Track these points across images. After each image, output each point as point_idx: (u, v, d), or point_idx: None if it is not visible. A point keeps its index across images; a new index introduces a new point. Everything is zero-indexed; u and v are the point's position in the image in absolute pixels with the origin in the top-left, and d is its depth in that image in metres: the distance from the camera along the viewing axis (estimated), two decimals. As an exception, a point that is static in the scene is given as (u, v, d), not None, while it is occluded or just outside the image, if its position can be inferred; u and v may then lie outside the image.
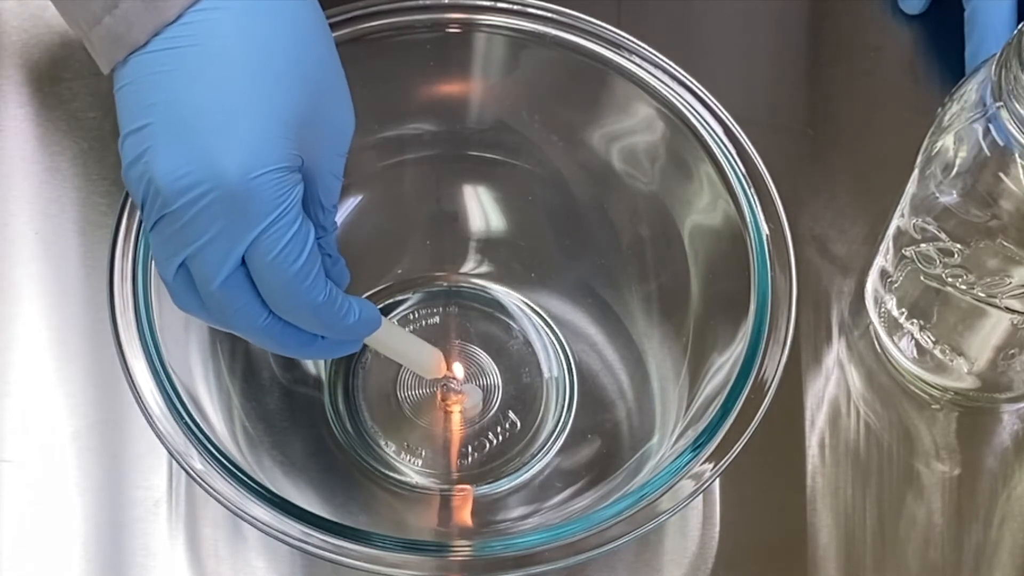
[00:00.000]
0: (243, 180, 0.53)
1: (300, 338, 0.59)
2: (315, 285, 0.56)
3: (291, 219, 0.55)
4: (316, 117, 0.56)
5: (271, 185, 0.54)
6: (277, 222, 0.54)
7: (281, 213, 0.54)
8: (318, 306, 0.57)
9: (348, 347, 0.62)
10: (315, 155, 0.57)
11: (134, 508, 0.68)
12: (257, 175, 0.53)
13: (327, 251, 0.59)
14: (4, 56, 0.77)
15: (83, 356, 0.71)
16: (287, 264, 0.55)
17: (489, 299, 0.73)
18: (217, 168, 0.53)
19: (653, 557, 0.68)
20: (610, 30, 0.67)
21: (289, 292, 0.56)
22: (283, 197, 0.54)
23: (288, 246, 0.55)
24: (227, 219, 0.54)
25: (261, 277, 0.56)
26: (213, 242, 0.54)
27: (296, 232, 0.55)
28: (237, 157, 0.53)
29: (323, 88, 0.56)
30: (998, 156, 0.60)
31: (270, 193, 0.54)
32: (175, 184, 0.54)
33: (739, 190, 0.64)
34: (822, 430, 0.71)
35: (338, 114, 0.58)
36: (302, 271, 0.56)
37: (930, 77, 0.79)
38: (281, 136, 0.54)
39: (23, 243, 0.74)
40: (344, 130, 0.58)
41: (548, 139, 0.70)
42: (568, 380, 0.72)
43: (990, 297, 0.65)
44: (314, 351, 0.60)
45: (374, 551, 0.57)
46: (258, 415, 0.67)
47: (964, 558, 0.69)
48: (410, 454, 0.70)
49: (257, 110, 0.54)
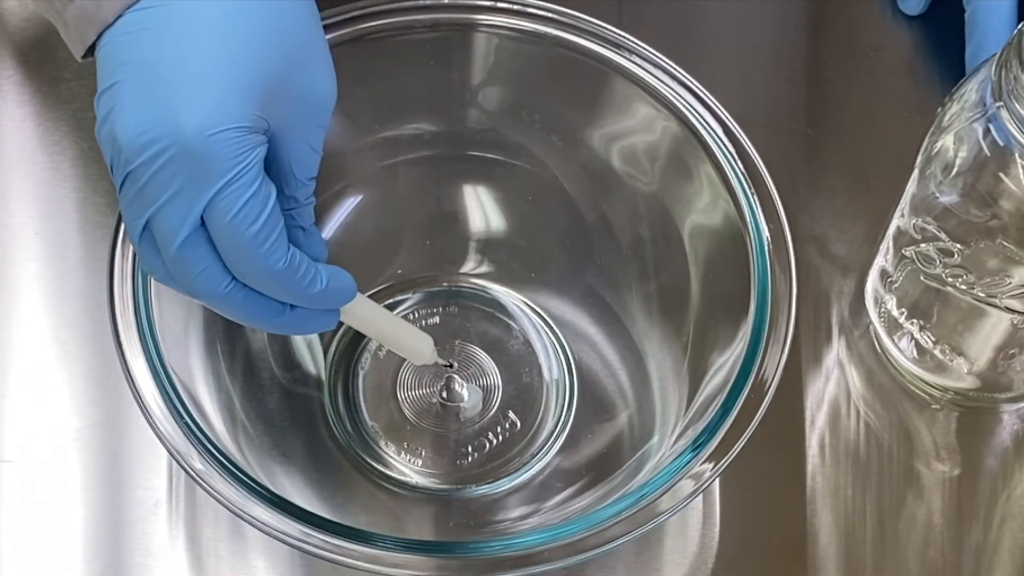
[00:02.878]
0: (200, 137, 0.53)
1: (267, 308, 0.58)
2: (274, 249, 0.56)
3: (249, 180, 0.54)
4: (289, 84, 0.56)
5: (229, 143, 0.54)
6: (234, 181, 0.54)
7: (239, 172, 0.54)
8: (278, 272, 0.56)
9: (322, 320, 0.60)
10: (287, 122, 0.56)
11: (134, 508, 0.68)
12: (214, 132, 0.53)
13: (299, 223, 0.59)
14: (4, 56, 0.77)
15: (83, 356, 0.71)
16: (244, 226, 0.55)
17: (489, 299, 0.73)
18: (175, 125, 0.53)
19: (653, 557, 0.68)
20: (610, 30, 0.67)
21: (247, 255, 0.55)
22: (241, 157, 0.54)
23: (246, 207, 0.54)
24: (185, 177, 0.54)
25: (220, 239, 0.55)
26: (172, 201, 0.54)
27: (254, 194, 0.55)
28: (195, 114, 0.53)
29: (298, 55, 0.56)
30: (998, 156, 0.60)
31: (228, 151, 0.54)
32: (135, 141, 0.54)
33: (739, 190, 0.64)
34: (822, 430, 0.71)
35: (315, 83, 0.57)
36: (260, 234, 0.55)
37: (930, 77, 0.79)
38: (243, 97, 0.54)
39: (23, 243, 0.74)
40: (321, 101, 0.57)
41: (548, 139, 0.70)
42: (568, 380, 0.72)
43: (990, 297, 0.65)
44: (283, 323, 0.59)
45: (374, 551, 0.57)
46: (258, 415, 0.67)
47: (964, 558, 0.69)
48: (410, 454, 0.70)
49: (220, 69, 0.54)
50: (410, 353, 0.67)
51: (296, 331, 0.63)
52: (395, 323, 0.66)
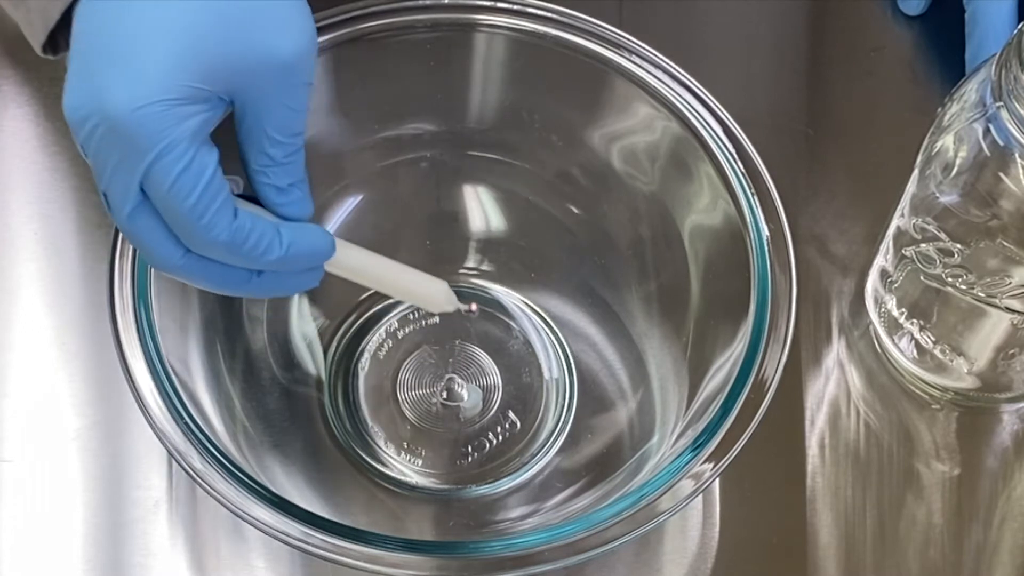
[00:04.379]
0: (126, 113, 0.53)
1: (231, 276, 0.57)
2: (215, 221, 0.55)
3: (179, 153, 0.54)
4: (245, 47, 0.55)
5: (154, 118, 0.53)
6: (164, 155, 0.54)
7: (167, 146, 0.54)
8: (222, 243, 0.55)
9: (300, 280, 0.59)
10: (250, 85, 0.55)
11: (134, 508, 0.68)
12: (139, 107, 0.53)
13: (273, 182, 0.58)
14: (4, 56, 0.77)
15: (83, 356, 0.71)
16: (179, 199, 0.54)
17: (489, 299, 0.73)
18: (103, 101, 0.53)
19: (653, 557, 0.68)
20: (610, 30, 0.67)
21: (188, 227, 0.55)
22: (168, 130, 0.53)
23: (179, 180, 0.54)
24: (120, 152, 0.54)
25: (163, 212, 0.55)
26: (114, 175, 0.54)
27: (186, 167, 0.54)
28: (121, 91, 0.53)
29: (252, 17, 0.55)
30: (998, 156, 0.60)
31: (153, 126, 0.53)
32: (75, 117, 0.54)
33: (739, 190, 0.64)
34: (822, 430, 0.71)
35: (277, 42, 0.55)
36: (196, 206, 0.54)
37: (930, 77, 0.79)
38: (174, 67, 0.54)
39: (23, 243, 0.74)
40: (289, 58, 0.55)
41: (548, 139, 0.70)
42: (568, 380, 0.72)
43: (990, 297, 0.65)
44: (254, 289, 0.58)
45: (374, 551, 0.57)
46: (258, 415, 0.67)
47: (964, 558, 0.69)
48: (410, 454, 0.70)
49: (149, 41, 0.54)
50: (422, 300, 0.64)
51: (273, 294, 0.61)
52: (396, 270, 0.63)
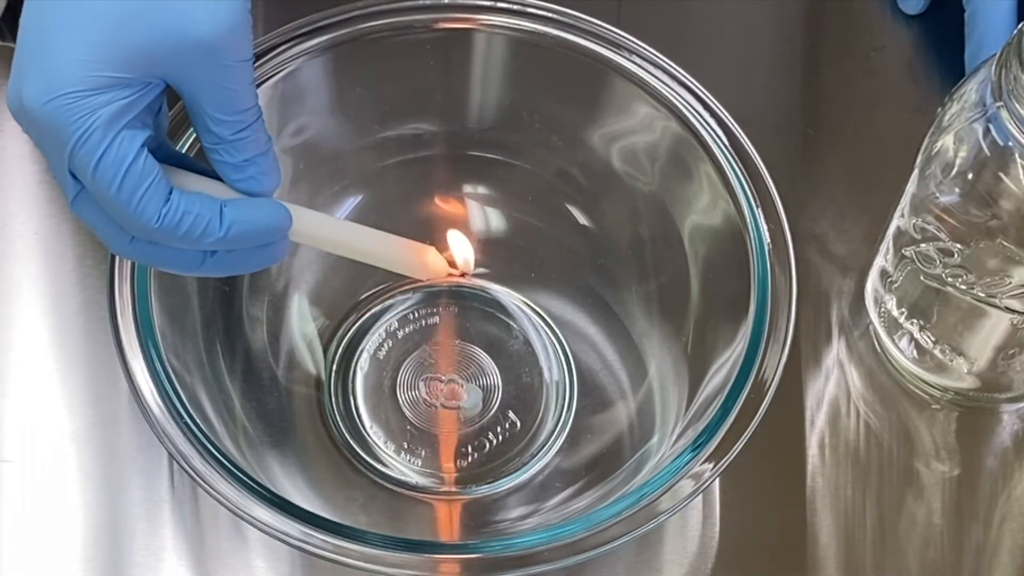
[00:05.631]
0: (39, 106, 0.54)
1: (183, 258, 0.57)
2: (142, 207, 0.55)
3: (95, 142, 0.54)
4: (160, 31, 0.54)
5: (65, 109, 0.54)
6: (80, 146, 0.54)
7: (82, 137, 0.54)
8: (154, 229, 0.55)
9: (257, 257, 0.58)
10: (175, 67, 0.55)
11: (134, 508, 0.68)
12: (48, 100, 0.54)
13: (226, 159, 0.57)
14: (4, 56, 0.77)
15: (83, 356, 0.71)
16: (103, 187, 0.54)
17: (489, 299, 0.73)
18: (21, 96, 0.54)
19: (653, 557, 0.68)
20: (610, 30, 0.67)
21: (119, 214, 0.55)
22: (81, 121, 0.54)
23: (99, 169, 0.54)
24: (46, 144, 0.55)
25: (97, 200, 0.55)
26: (52, 165, 0.55)
27: (103, 155, 0.54)
28: (33, 84, 0.54)
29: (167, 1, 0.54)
30: (998, 156, 0.60)
31: (66, 118, 0.54)
32: (10, 110, 0.55)
33: (739, 190, 0.64)
34: (822, 430, 0.71)
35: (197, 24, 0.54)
36: (121, 193, 0.54)
37: (930, 77, 0.79)
38: (81, 59, 0.54)
39: (23, 243, 0.74)
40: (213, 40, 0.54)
41: (548, 139, 0.70)
42: (568, 380, 0.72)
43: (990, 297, 0.65)
44: (211, 268, 0.57)
45: (374, 551, 0.57)
46: (258, 415, 0.67)
47: (964, 558, 0.69)
48: (409, 454, 0.70)
49: (60, 33, 0.54)
50: (406, 266, 0.63)
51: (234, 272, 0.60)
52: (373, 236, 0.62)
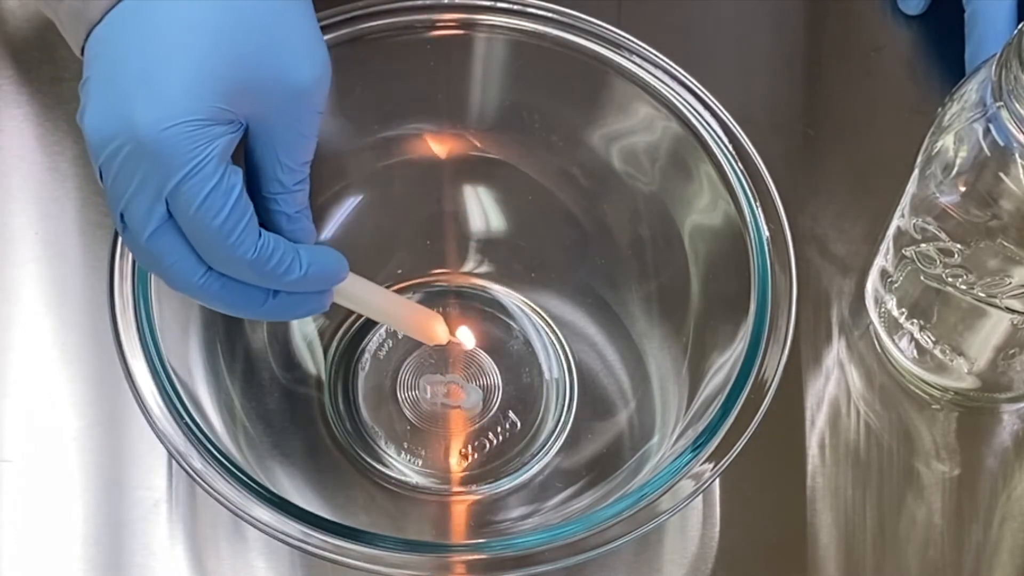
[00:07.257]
0: (154, 132, 0.53)
1: (248, 297, 0.58)
2: (242, 240, 0.56)
3: (208, 172, 0.54)
4: (263, 72, 0.55)
5: (183, 138, 0.54)
6: (193, 175, 0.54)
7: (197, 166, 0.54)
8: (248, 261, 0.56)
9: (312, 303, 0.60)
10: (266, 110, 0.56)
11: (134, 508, 0.68)
12: (167, 127, 0.54)
13: (283, 209, 0.58)
14: (4, 56, 0.77)
15: (83, 356, 0.71)
16: (208, 218, 0.55)
17: (489, 299, 0.73)
18: (130, 121, 0.54)
19: (653, 557, 0.68)
20: (610, 30, 0.67)
21: (215, 246, 0.56)
22: (198, 150, 0.54)
23: (208, 200, 0.54)
24: (145, 172, 0.54)
25: (188, 232, 0.56)
26: (136, 195, 0.55)
27: (215, 186, 0.55)
28: (149, 110, 0.54)
29: (273, 43, 0.56)
30: (998, 156, 0.60)
31: (183, 146, 0.54)
32: (97, 137, 0.54)
33: (739, 190, 0.64)
34: (822, 430, 0.71)
35: (296, 70, 0.56)
36: (224, 226, 0.55)
37: (930, 77, 0.79)
38: (201, 89, 0.54)
39: (23, 243, 0.74)
40: (306, 86, 0.57)
41: (548, 139, 0.70)
42: (568, 380, 0.72)
43: (990, 297, 0.65)
44: (268, 311, 0.59)
45: (374, 551, 0.57)
46: (258, 415, 0.67)
47: (964, 558, 0.69)
48: (410, 454, 0.70)
49: (176, 63, 0.54)
50: (417, 332, 0.66)
51: (285, 317, 0.62)
52: (397, 302, 0.65)
